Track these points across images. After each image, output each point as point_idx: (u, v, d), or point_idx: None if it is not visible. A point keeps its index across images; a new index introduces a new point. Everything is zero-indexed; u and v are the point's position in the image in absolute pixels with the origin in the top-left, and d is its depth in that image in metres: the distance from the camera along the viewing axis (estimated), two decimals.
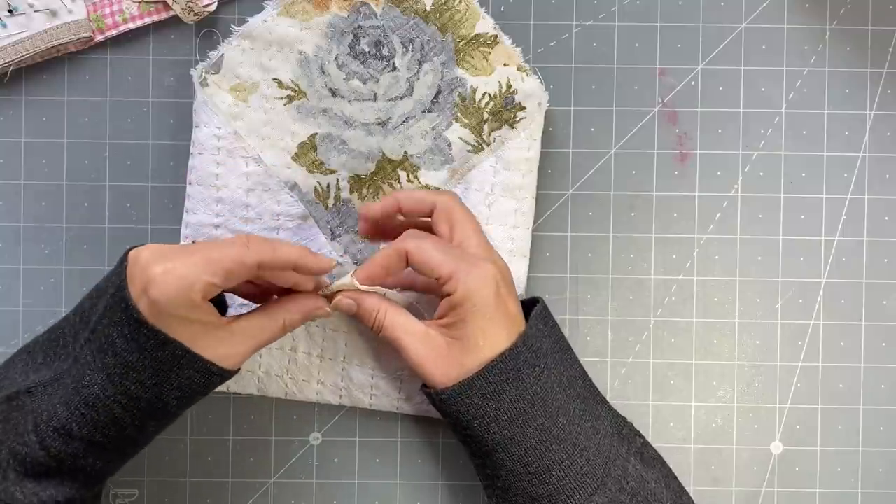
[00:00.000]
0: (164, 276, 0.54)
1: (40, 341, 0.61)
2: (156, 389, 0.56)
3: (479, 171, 0.67)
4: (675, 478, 0.64)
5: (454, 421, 0.61)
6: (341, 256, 0.68)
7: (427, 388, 0.62)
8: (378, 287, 0.63)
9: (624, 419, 0.64)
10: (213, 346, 0.57)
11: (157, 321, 0.55)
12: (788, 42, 0.70)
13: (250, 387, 0.68)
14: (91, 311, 0.58)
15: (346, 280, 0.62)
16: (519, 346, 0.60)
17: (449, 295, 0.60)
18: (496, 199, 0.67)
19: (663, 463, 0.64)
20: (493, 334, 0.60)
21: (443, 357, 0.60)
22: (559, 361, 0.62)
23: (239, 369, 0.59)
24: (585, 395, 0.62)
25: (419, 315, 0.63)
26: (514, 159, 0.67)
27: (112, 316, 0.56)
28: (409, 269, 0.62)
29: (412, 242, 0.61)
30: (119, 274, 0.57)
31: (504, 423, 0.59)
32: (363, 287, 0.62)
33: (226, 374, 0.58)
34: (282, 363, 0.67)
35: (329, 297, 0.62)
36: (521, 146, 0.67)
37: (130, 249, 0.57)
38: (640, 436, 0.64)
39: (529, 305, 0.63)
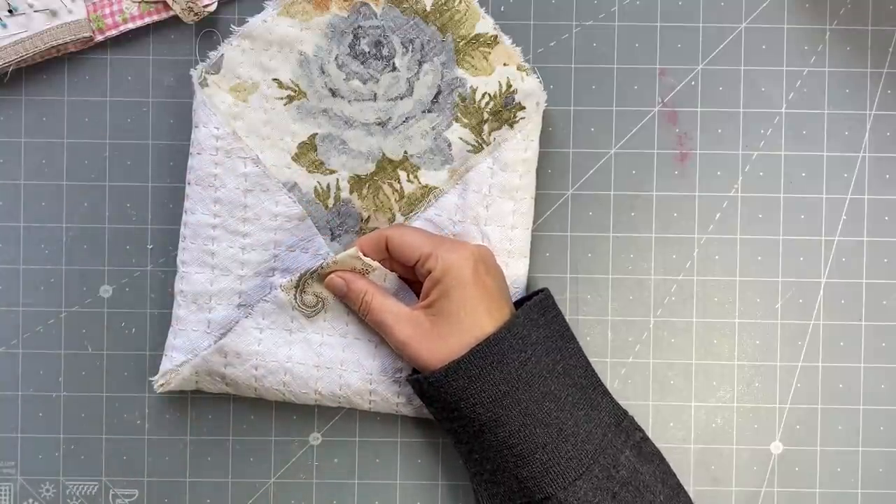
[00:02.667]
0: None
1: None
2: None
3: (476, 172, 0.67)
4: (674, 475, 0.64)
5: (442, 405, 0.62)
6: None
7: (413, 376, 0.64)
8: (378, 265, 0.65)
9: (625, 412, 0.65)
10: None
11: None
12: (788, 42, 0.70)
13: (248, 394, 0.68)
14: None
15: (352, 251, 0.64)
16: (503, 332, 0.62)
17: (430, 272, 0.63)
18: (493, 201, 0.67)
19: (662, 459, 0.64)
20: (473, 308, 0.62)
21: (428, 336, 0.63)
22: (554, 350, 0.63)
23: None
24: (584, 385, 0.63)
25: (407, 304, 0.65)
26: (510, 160, 0.67)
27: None
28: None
29: (392, 230, 0.64)
30: None
31: (489, 404, 0.61)
32: (366, 259, 0.64)
33: None
34: (278, 376, 0.67)
35: (324, 275, 0.65)
36: (517, 147, 0.67)
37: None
38: (641, 431, 0.64)
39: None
